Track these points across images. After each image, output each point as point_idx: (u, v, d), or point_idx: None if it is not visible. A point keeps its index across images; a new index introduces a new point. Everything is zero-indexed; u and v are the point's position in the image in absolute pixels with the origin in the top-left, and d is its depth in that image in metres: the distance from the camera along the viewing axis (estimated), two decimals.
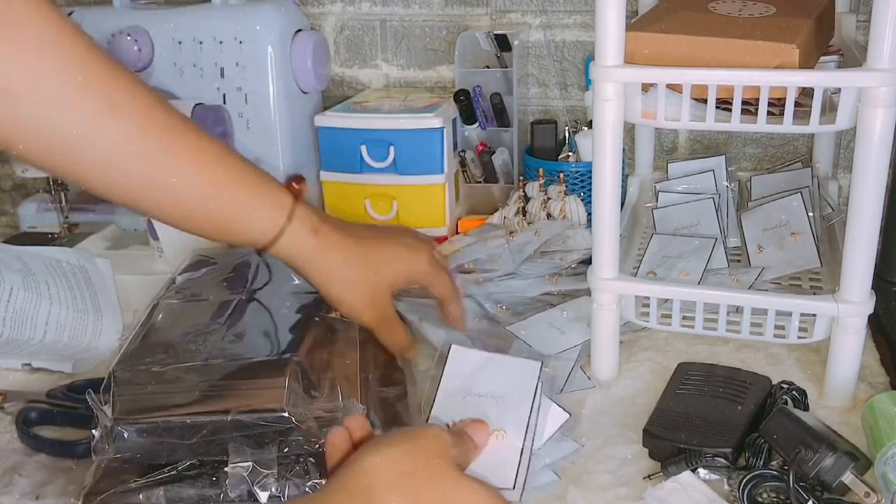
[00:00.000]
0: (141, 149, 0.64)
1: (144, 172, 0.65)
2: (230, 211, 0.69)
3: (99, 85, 0.62)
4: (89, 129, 0.62)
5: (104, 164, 0.64)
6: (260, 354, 0.71)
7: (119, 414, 0.66)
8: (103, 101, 0.62)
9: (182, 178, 0.66)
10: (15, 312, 0.85)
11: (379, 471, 0.53)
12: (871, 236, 0.71)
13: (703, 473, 0.68)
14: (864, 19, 1.02)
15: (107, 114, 0.62)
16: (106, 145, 0.63)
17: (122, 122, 0.63)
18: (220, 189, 0.68)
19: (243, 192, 0.69)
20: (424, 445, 0.56)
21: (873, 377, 0.82)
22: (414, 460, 0.55)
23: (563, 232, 1.05)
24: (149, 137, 0.65)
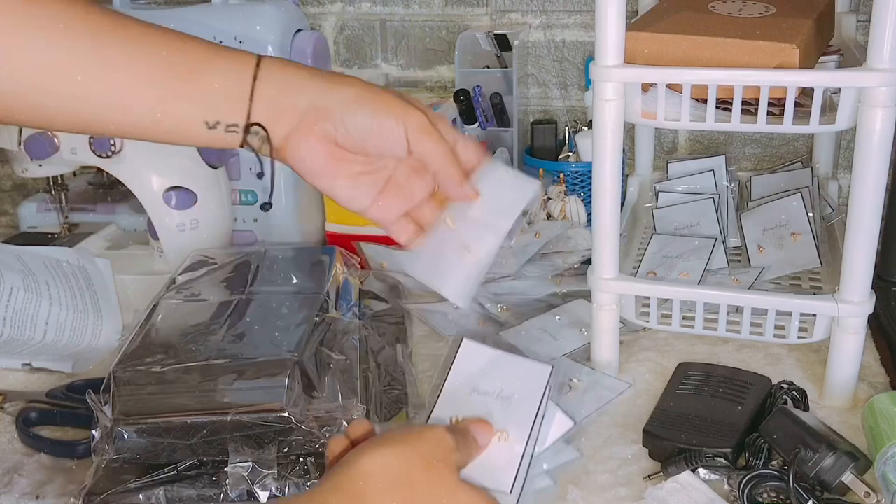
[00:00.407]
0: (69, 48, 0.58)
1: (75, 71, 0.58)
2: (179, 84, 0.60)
3: None
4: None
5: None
6: (260, 354, 0.71)
7: (119, 414, 0.66)
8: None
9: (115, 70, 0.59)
10: (15, 312, 0.85)
11: (375, 475, 0.52)
12: (871, 236, 0.71)
13: (703, 473, 0.68)
14: (864, 19, 1.02)
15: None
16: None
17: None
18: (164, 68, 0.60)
19: (194, 62, 0.61)
20: (424, 449, 0.54)
21: (873, 377, 0.82)
22: (412, 465, 0.53)
23: (564, 233, 1.05)
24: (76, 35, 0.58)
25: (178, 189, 1.00)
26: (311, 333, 0.74)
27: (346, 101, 0.59)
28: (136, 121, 0.61)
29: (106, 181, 1.19)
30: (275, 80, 0.60)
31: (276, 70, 0.60)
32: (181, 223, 1.00)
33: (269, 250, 0.93)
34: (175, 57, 0.61)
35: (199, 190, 1.01)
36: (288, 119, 0.60)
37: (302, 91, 0.60)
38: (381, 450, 0.53)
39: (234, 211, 1.09)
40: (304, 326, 0.75)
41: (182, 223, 1.00)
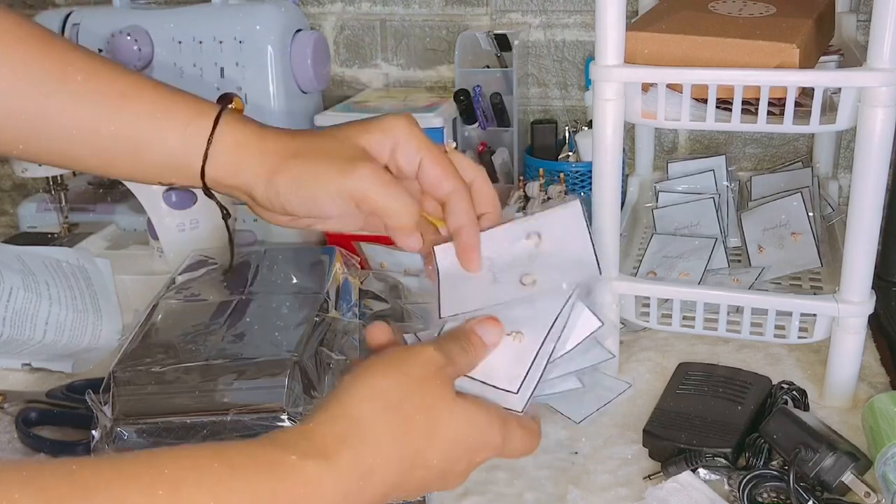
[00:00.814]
0: (26, 81, 0.58)
1: (31, 108, 0.58)
2: (133, 130, 0.59)
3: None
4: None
5: None
6: (260, 354, 0.71)
7: (119, 414, 0.66)
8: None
9: (72, 102, 0.59)
10: (15, 312, 0.85)
11: (367, 400, 0.50)
12: (871, 236, 0.71)
13: (704, 473, 0.68)
14: (864, 19, 1.02)
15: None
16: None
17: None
18: (121, 109, 0.59)
19: (149, 105, 0.60)
20: (414, 370, 0.52)
21: (873, 377, 0.82)
22: (403, 387, 0.51)
23: None
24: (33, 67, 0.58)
25: (178, 189, 1.00)
26: (311, 333, 0.74)
27: (282, 191, 0.59)
28: (85, 169, 0.63)
29: (106, 181, 1.19)
30: (222, 163, 0.60)
31: (224, 150, 0.60)
32: (181, 223, 1.00)
33: (269, 250, 0.93)
34: (123, 124, 0.60)
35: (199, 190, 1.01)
36: (239, 197, 0.62)
37: (245, 179, 0.60)
38: (371, 375, 0.52)
39: (235, 211, 1.09)
40: (304, 326, 0.74)
41: (182, 223, 1.00)
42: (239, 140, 0.60)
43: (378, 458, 0.49)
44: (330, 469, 0.47)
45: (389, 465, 0.49)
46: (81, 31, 1.14)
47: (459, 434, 0.52)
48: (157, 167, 0.61)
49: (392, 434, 0.50)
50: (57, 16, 1.16)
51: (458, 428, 0.52)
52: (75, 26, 1.14)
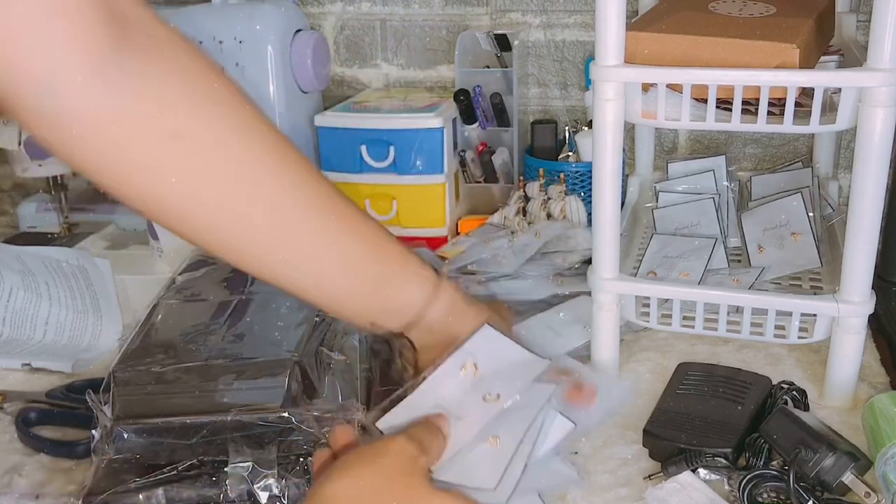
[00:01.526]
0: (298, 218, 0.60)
1: (283, 251, 0.61)
2: (380, 283, 0.65)
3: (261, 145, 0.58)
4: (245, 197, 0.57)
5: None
6: (260, 354, 0.71)
7: (119, 414, 0.66)
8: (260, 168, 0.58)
9: (340, 250, 0.62)
10: (15, 312, 0.85)
11: (344, 497, 0.51)
12: (871, 236, 0.71)
13: (704, 473, 0.68)
14: (864, 19, 1.02)
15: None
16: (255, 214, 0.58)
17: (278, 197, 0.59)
18: (376, 261, 0.64)
19: (396, 263, 0.66)
20: (389, 463, 0.53)
21: (873, 377, 0.82)
22: (379, 483, 0.52)
23: (564, 232, 1.05)
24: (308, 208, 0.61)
25: None
26: (311, 333, 0.74)
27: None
28: (313, 294, 0.64)
29: None
30: (440, 311, 0.67)
31: (445, 301, 0.67)
32: None
33: None
34: (372, 258, 0.64)
35: None
36: (429, 342, 0.68)
37: (453, 326, 0.67)
38: (346, 474, 0.53)
39: None
40: (304, 326, 0.75)
41: None
42: (458, 294, 0.68)
43: None
44: None
45: None
46: None
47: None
48: (385, 309, 0.66)
49: None
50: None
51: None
52: None
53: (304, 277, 0.62)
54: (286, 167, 0.59)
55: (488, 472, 0.60)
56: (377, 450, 0.55)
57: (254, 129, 0.57)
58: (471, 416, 0.62)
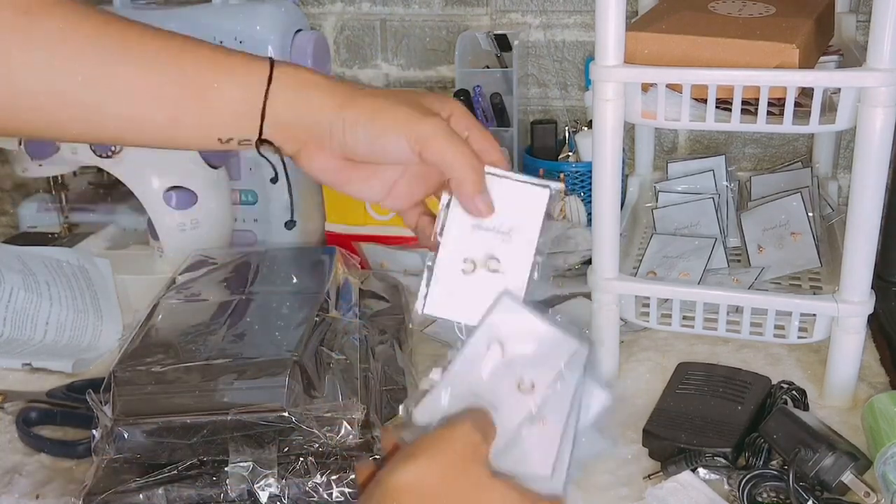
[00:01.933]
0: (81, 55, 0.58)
1: (96, 79, 0.58)
2: (196, 79, 0.60)
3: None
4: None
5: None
6: (260, 354, 0.71)
7: (119, 414, 0.66)
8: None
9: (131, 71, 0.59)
10: (15, 312, 0.85)
11: (408, 490, 0.51)
12: (871, 236, 0.71)
13: (703, 473, 0.68)
14: (864, 19, 1.02)
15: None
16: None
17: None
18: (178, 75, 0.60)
19: (208, 56, 0.61)
20: (456, 451, 0.53)
21: (873, 377, 0.82)
22: (444, 472, 0.52)
23: (565, 233, 1.05)
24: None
25: (178, 189, 1.00)
26: (311, 333, 0.74)
27: (350, 122, 0.59)
28: (149, 136, 0.61)
29: (106, 181, 1.19)
30: (286, 100, 0.60)
31: (287, 86, 0.60)
32: (181, 223, 1.00)
33: (270, 250, 0.93)
34: (186, 72, 0.60)
35: (199, 190, 1.01)
36: (298, 139, 0.61)
37: (311, 113, 0.60)
38: (412, 462, 0.52)
39: (234, 211, 1.09)
40: (304, 326, 0.74)
41: (182, 223, 1.00)
42: (304, 78, 0.61)
43: None
44: None
45: None
46: None
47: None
48: (220, 115, 0.60)
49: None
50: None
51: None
52: None
53: (126, 131, 0.61)
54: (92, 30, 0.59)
55: (541, 459, 0.59)
56: (444, 437, 0.54)
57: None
58: (506, 405, 0.61)
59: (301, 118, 0.60)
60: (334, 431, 0.66)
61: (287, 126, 0.60)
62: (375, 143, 0.59)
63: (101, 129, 0.61)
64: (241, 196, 1.10)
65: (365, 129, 0.59)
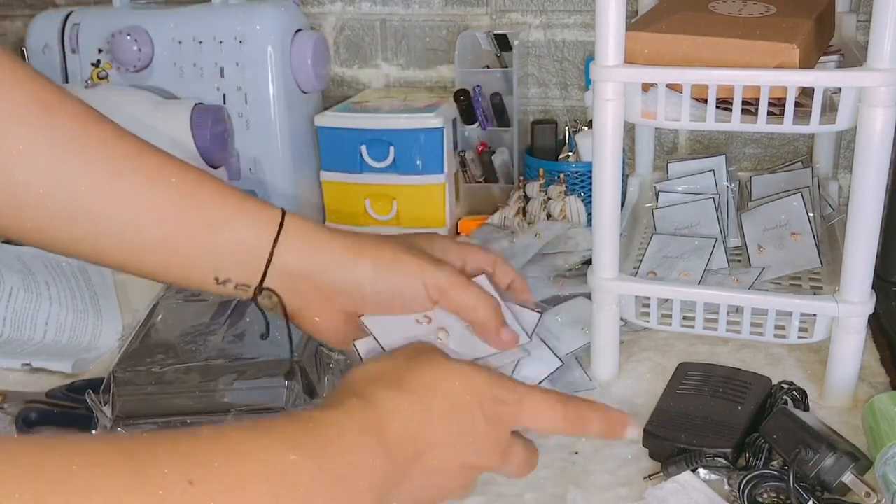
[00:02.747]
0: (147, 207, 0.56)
1: (99, 191, 0.56)
2: (204, 214, 0.58)
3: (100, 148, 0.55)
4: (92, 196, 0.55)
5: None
6: (260, 354, 0.71)
7: (119, 414, 0.66)
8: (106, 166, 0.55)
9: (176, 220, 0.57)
10: (15, 312, 0.85)
11: (361, 375, 0.53)
12: (871, 236, 0.71)
13: (703, 473, 0.68)
14: (864, 19, 1.02)
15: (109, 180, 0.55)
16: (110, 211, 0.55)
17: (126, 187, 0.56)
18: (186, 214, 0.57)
19: (220, 192, 0.58)
20: (406, 352, 0.56)
21: (873, 377, 0.82)
22: (396, 361, 0.54)
23: (565, 233, 1.05)
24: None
25: None
26: None
27: (365, 276, 0.59)
28: (145, 264, 0.58)
29: None
30: (295, 249, 0.58)
31: (297, 234, 0.59)
32: None
33: None
34: (193, 201, 0.57)
35: None
36: (304, 291, 0.59)
37: (321, 265, 0.59)
38: (370, 361, 0.55)
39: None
40: None
41: None
42: (315, 227, 0.60)
43: (385, 405, 0.49)
44: (344, 413, 0.48)
45: (398, 411, 0.50)
46: (81, 32, 1.14)
47: (458, 386, 0.52)
48: (224, 252, 0.58)
49: (391, 390, 0.50)
50: (57, 16, 1.16)
51: (455, 381, 0.52)
52: (75, 26, 1.15)
53: (125, 249, 0.57)
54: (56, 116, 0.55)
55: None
56: (399, 349, 0.57)
57: (58, 121, 0.54)
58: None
59: (309, 264, 0.59)
60: None
61: (295, 277, 0.59)
62: (395, 295, 0.59)
63: (95, 244, 0.57)
64: None
65: (385, 284, 0.59)
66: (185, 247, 0.57)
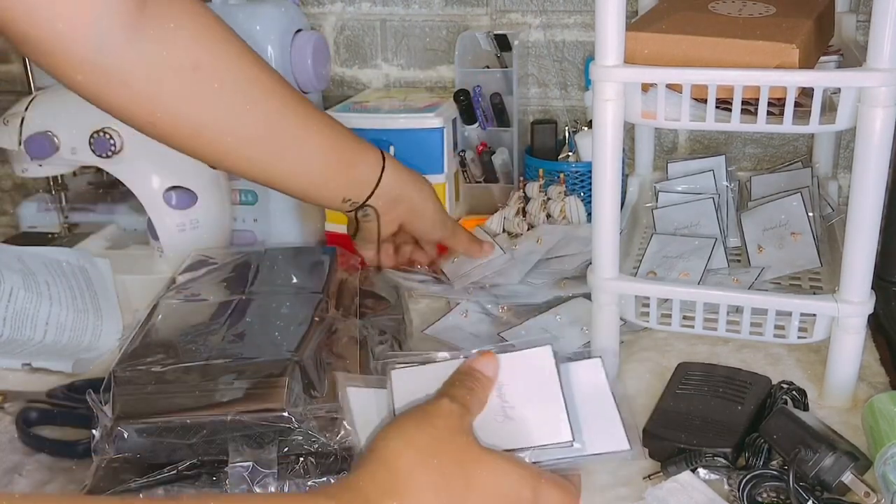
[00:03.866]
0: (275, 131, 0.79)
1: (277, 151, 0.80)
2: (344, 165, 0.86)
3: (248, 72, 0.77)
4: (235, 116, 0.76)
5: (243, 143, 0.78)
6: (260, 354, 0.71)
7: (119, 414, 0.66)
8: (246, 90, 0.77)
9: (304, 149, 0.82)
10: (15, 312, 0.85)
11: (403, 452, 0.53)
12: (871, 236, 0.71)
13: (703, 473, 0.68)
14: (864, 19, 1.02)
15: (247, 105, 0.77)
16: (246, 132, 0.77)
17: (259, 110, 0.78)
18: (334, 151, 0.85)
19: (353, 147, 0.87)
20: (442, 424, 0.56)
21: (873, 377, 0.82)
22: (436, 442, 0.55)
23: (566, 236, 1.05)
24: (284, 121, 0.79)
25: (178, 189, 1.00)
26: (311, 333, 0.74)
27: (424, 198, 0.93)
28: (293, 185, 0.85)
29: (106, 181, 1.19)
30: (391, 179, 0.88)
31: (391, 170, 0.89)
32: (181, 223, 1.00)
33: (270, 250, 0.93)
34: (338, 146, 0.85)
35: (199, 190, 1.01)
36: (387, 205, 0.89)
37: (403, 189, 0.90)
38: (401, 431, 0.55)
39: (234, 211, 1.09)
40: (304, 326, 0.75)
41: (182, 223, 1.00)
42: (399, 167, 0.91)
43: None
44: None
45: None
46: None
47: (490, 486, 0.54)
48: (353, 185, 0.87)
49: (431, 487, 0.52)
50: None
51: (490, 481, 0.54)
52: None
53: (291, 172, 0.82)
54: (272, 85, 0.78)
55: (556, 427, 0.61)
56: (427, 412, 0.58)
57: (245, 57, 0.76)
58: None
59: (397, 193, 0.90)
60: (334, 431, 0.66)
61: (387, 197, 0.89)
62: (435, 216, 0.96)
63: (263, 173, 0.83)
64: (241, 196, 1.10)
65: (431, 207, 0.95)
66: (330, 177, 0.85)
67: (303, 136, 0.80)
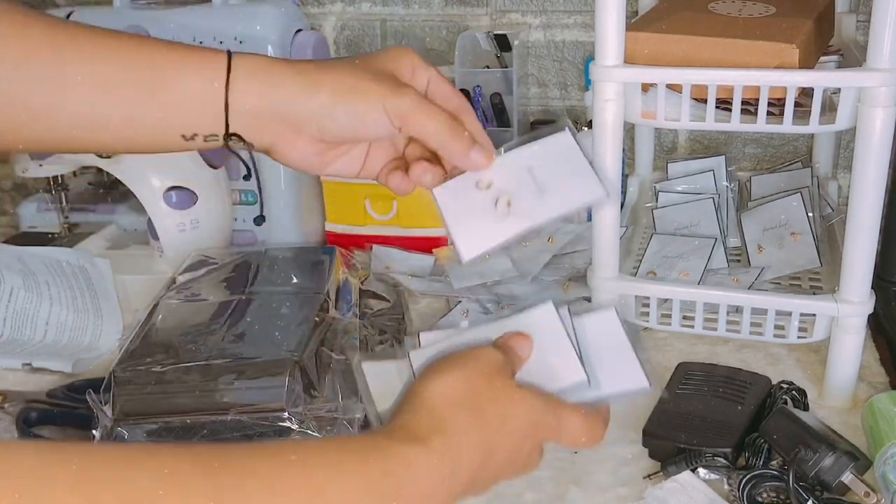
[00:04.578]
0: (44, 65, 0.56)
1: (49, 80, 0.56)
2: (151, 74, 0.57)
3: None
4: None
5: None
6: (260, 354, 0.71)
7: (119, 414, 0.67)
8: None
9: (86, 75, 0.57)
10: (15, 312, 0.85)
11: (443, 395, 0.54)
12: (871, 236, 0.71)
13: (703, 473, 0.68)
14: (864, 19, 1.02)
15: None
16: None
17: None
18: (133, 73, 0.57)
19: (162, 51, 0.58)
20: (481, 367, 0.56)
21: (873, 377, 0.82)
22: (473, 381, 0.55)
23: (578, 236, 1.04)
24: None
25: (178, 189, 1.00)
26: (311, 333, 0.74)
27: (324, 105, 0.58)
28: (105, 139, 0.59)
29: (106, 181, 1.19)
30: (249, 89, 0.58)
31: (248, 75, 0.58)
32: (181, 223, 1.00)
33: (269, 250, 0.93)
34: (141, 66, 0.58)
35: (199, 190, 1.01)
36: (270, 130, 0.59)
37: (278, 99, 0.58)
38: (444, 373, 0.55)
39: (234, 211, 1.09)
40: (304, 326, 0.75)
41: (182, 223, 1.00)
42: (265, 64, 0.59)
43: (462, 447, 0.51)
44: (427, 453, 0.49)
45: (471, 453, 0.52)
46: None
47: (522, 419, 0.55)
48: (180, 110, 0.58)
49: (470, 424, 0.52)
50: (58, 15, 1.16)
51: (521, 413, 0.55)
52: None
53: (84, 130, 0.58)
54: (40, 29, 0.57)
55: (565, 372, 0.60)
56: (470, 355, 0.57)
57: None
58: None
59: (272, 106, 0.58)
60: (334, 431, 0.66)
61: (257, 116, 0.58)
62: (357, 123, 0.59)
63: (53, 133, 0.58)
64: (241, 196, 1.10)
65: (345, 111, 0.58)
66: (141, 115, 0.57)
67: (85, 70, 0.57)
